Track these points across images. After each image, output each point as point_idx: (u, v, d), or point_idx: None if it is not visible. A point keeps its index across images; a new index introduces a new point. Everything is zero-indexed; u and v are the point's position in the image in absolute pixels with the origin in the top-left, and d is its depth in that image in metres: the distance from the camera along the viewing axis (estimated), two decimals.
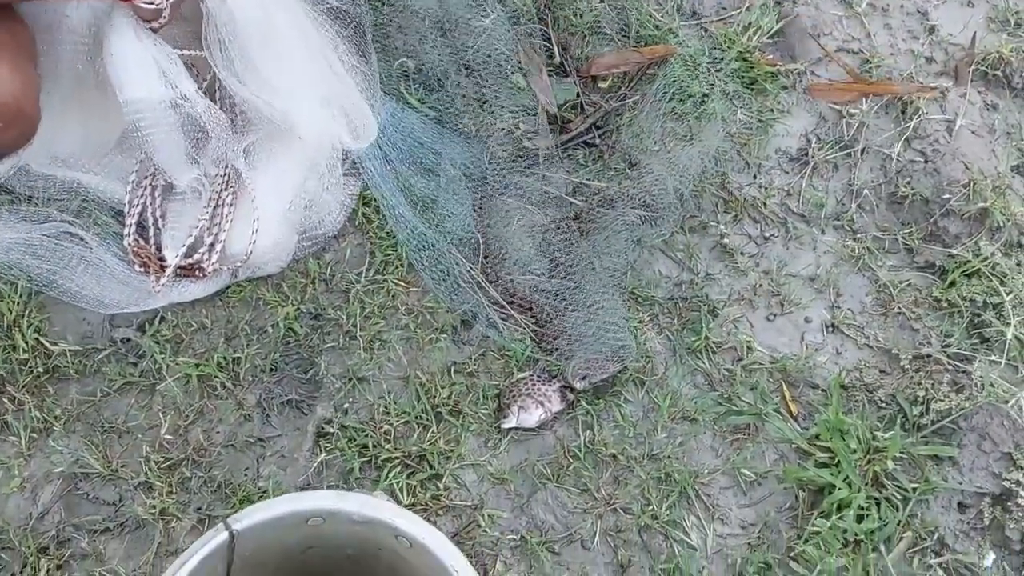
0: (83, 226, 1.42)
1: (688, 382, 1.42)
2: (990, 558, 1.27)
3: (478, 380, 1.40)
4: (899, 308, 1.48)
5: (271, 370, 1.39)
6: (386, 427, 1.35)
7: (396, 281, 1.46)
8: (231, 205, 1.41)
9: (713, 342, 1.44)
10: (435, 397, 1.37)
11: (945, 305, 1.48)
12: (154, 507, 1.27)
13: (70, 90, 1.26)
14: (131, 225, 1.43)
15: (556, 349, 1.42)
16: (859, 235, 1.55)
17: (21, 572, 1.23)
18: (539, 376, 1.39)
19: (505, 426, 1.36)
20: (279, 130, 1.40)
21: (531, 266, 1.49)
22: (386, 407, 1.36)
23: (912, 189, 1.56)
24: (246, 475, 1.31)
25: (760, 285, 1.50)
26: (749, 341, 1.45)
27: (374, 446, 1.33)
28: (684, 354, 1.43)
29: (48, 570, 1.23)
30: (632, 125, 1.58)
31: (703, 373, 1.43)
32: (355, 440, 1.33)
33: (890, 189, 1.58)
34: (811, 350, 1.45)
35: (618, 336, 1.41)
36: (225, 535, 0.95)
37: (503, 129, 1.56)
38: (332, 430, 1.34)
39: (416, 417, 1.36)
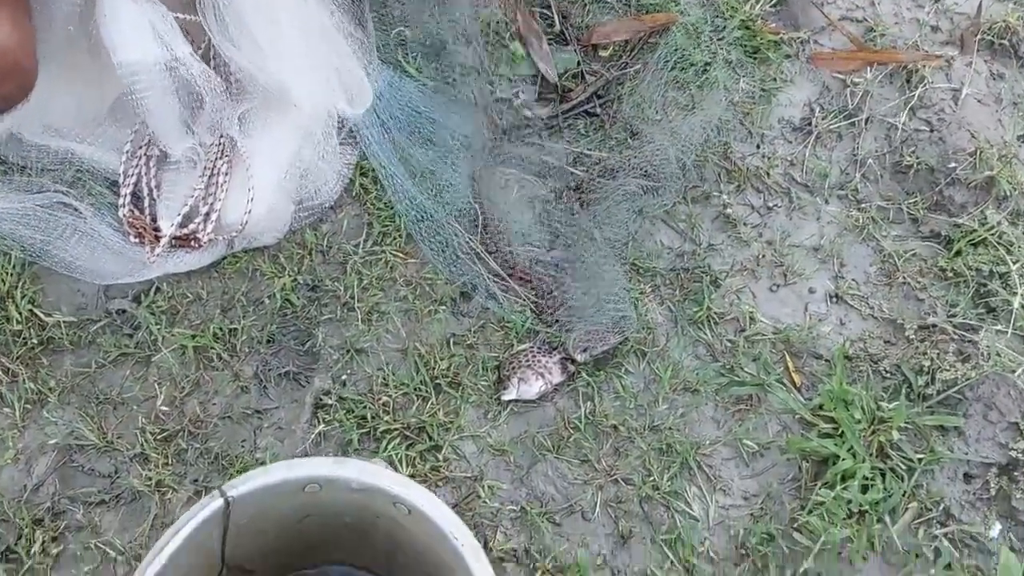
0: (77, 196, 1.40)
1: (690, 353, 1.40)
2: (996, 528, 1.26)
3: (477, 352, 1.38)
4: (904, 278, 1.46)
5: (268, 342, 1.37)
6: (385, 399, 1.33)
7: (394, 253, 1.44)
8: (226, 174, 1.39)
9: (715, 313, 1.42)
10: (434, 369, 1.36)
11: (951, 275, 1.46)
12: (150, 479, 1.26)
13: (62, 54, 1.24)
14: (126, 195, 1.41)
15: (556, 321, 1.40)
16: (863, 205, 1.53)
17: (16, 544, 1.21)
18: (539, 348, 1.37)
19: (505, 398, 1.34)
20: (274, 98, 1.38)
21: (531, 238, 1.47)
22: (385, 379, 1.35)
23: (917, 158, 1.54)
24: (243, 447, 1.30)
25: (763, 255, 1.48)
26: (752, 312, 1.43)
27: (373, 417, 1.31)
28: (686, 325, 1.42)
29: (43, 542, 1.21)
30: (633, 94, 1.56)
31: (705, 344, 1.41)
32: (353, 412, 1.32)
33: (895, 159, 1.56)
34: (814, 321, 1.43)
35: (619, 307, 1.40)
36: (220, 502, 0.93)
37: (502, 99, 1.53)
38: (330, 401, 1.33)
39: (415, 389, 1.34)
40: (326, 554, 1.13)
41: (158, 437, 1.29)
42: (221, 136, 1.39)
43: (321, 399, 1.33)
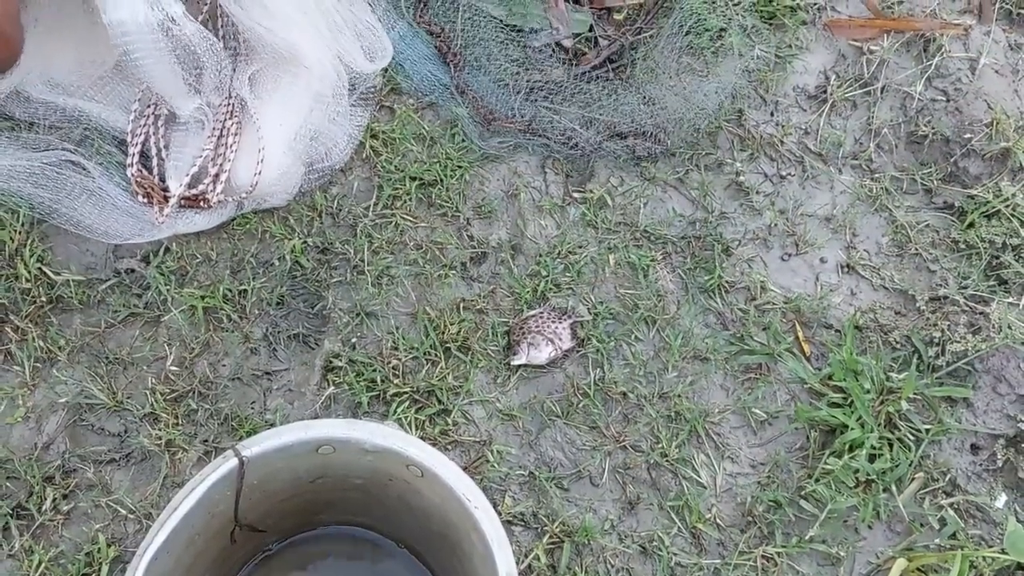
0: (85, 155, 1.39)
1: (700, 321, 1.40)
2: (1002, 499, 1.26)
3: (487, 317, 1.38)
4: (916, 249, 1.46)
5: (278, 304, 1.36)
6: (395, 362, 1.33)
7: (404, 216, 1.43)
8: (236, 135, 1.38)
9: (726, 281, 1.42)
10: (444, 333, 1.35)
11: (963, 246, 1.45)
12: (160, 438, 1.26)
13: (57, 12, 1.22)
14: (134, 155, 1.40)
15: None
16: (877, 175, 1.52)
17: (27, 501, 1.22)
18: (550, 313, 1.37)
19: (515, 363, 1.34)
20: (284, 58, 1.37)
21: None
22: (394, 342, 1.35)
23: (932, 128, 1.52)
24: (253, 408, 1.30)
25: (775, 224, 1.47)
26: (763, 281, 1.42)
27: (382, 381, 1.31)
28: (697, 293, 1.41)
29: (54, 499, 1.22)
30: (647, 59, 1.54)
31: (715, 312, 1.41)
32: (363, 375, 1.32)
33: (909, 128, 1.55)
34: (826, 291, 1.43)
35: None
36: (235, 461, 0.93)
37: (516, 59, 1.52)
38: (340, 364, 1.33)
39: (425, 353, 1.34)
40: (338, 515, 1.14)
41: (168, 397, 1.29)
42: (230, 96, 1.38)
43: (331, 361, 1.33)
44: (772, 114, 1.55)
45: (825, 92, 1.57)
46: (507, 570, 0.91)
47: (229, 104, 1.38)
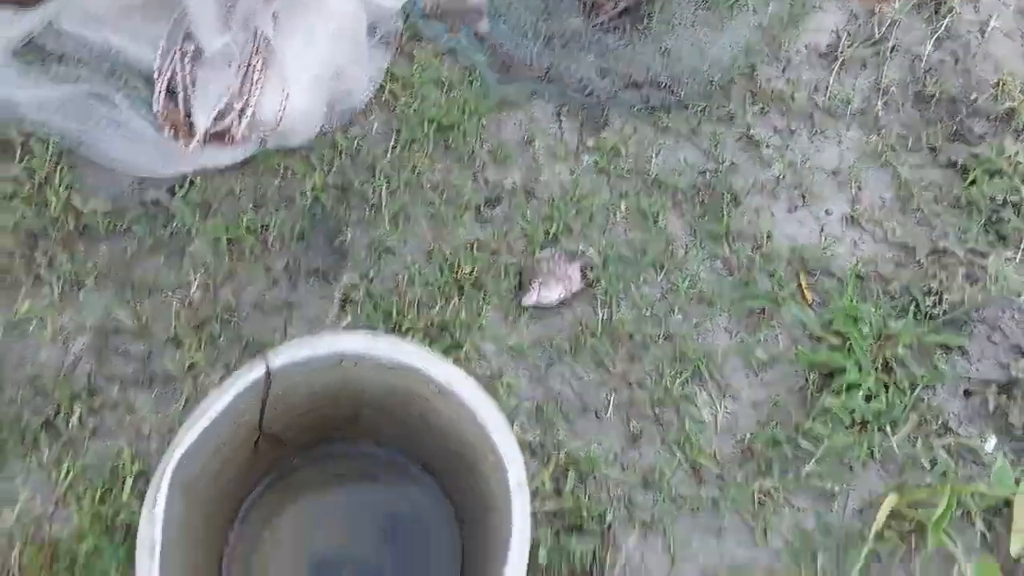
0: (114, 89, 1.43)
1: (707, 267, 1.44)
2: (992, 443, 1.31)
3: (500, 257, 1.42)
4: (918, 205, 1.50)
5: (299, 238, 1.41)
6: (410, 296, 1.38)
7: (422, 158, 1.47)
8: (261, 71, 1.42)
9: (734, 230, 1.46)
10: (458, 271, 1.40)
11: (964, 203, 1.49)
12: (183, 362, 1.31)
13: None
14: (160, 90, 1.43)
15: None
16: (883, 132, 1.56)
17: (55, 417, 1.27)
18: (561, 255, 1.41)
19: (526, 302, 1.38)
20: None
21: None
22: (410, 277, 1.39)
23: (940, 88, 1.56)
24: (274, 335, 1.34)
25: (783, 177, 1.51)
26: (769, 230, 1.46)
27: (398, 314, 1.36)
28: (705, 239, 1.45)
29: (80, 415, 1.27)
30: (664, 11, 1.57)
31: (722, 259, 1.45)
32: (379, 307, 1.36)
33: (917, 88, 1.58)
34: (829, 241, 1.47)
35: None
36: (262, 369, 0.97)
37: (535, 7, 1.55)
38: (357, 297, 1.37)
39: (439, 289, 1.39)
40: (357, 430, 1.18)
41: (191, 323, 1.34)
42: (256, 33, 1.41)
43: (349, 294, 1.38)
44: (784, 70, 1.59)
45: (836, 50, 1.60)
46: (518, 479, 0.96)
47: (255, 41, 1.42)
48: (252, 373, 0.97)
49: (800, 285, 1.43)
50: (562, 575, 1.21)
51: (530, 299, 1.38)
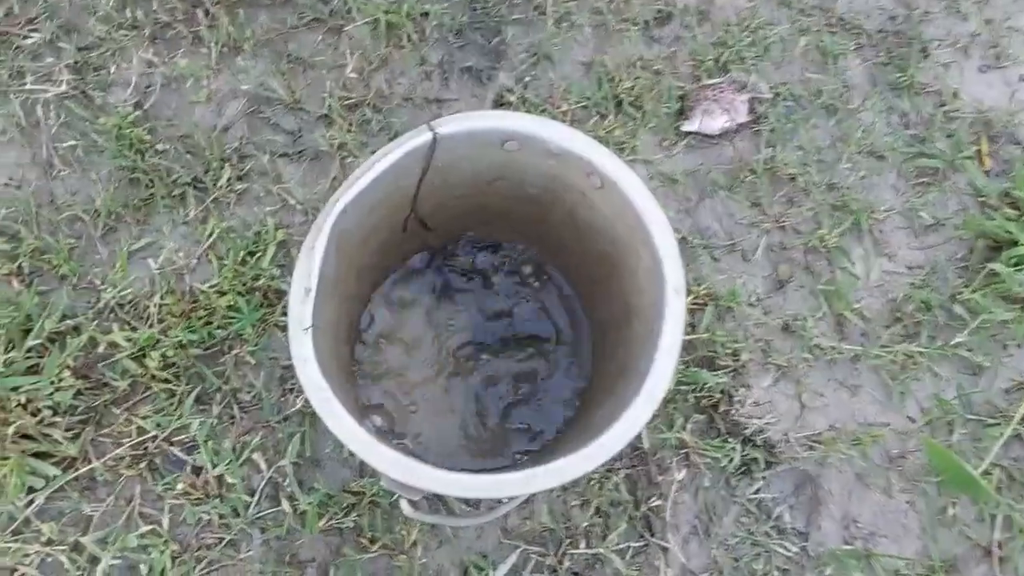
0: None
1: (883, 119, 1.35)
2: None
3: (664, 78, 1.35)
4: None
5: (457, 32, 1.36)
6: (564, 107, 1.32)
7: None
8: None
9: (918, 82, 1.35)
10: (618, 87, 1.33)
11: None
12: (333, 140, 1.29)
13: None
14: None
15: None
16: None
17: (205, 175, 1.27)
18: (729, 85, 1.33)
19: (686, 128, 1.32)
20: None
21: None
22: (567, 87, 1.33)
23: None
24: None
25: (979, 33, 1.39)
26: (956, 89, 1.35)
27: None
28: (885, 89, 1.35)
29: (229, 178, 1.27)
30: None
31: (900, 112, 1.35)
32: (532, 113, 1.31)
33: None
34: (1019, 108, 1.35)
35: None
36: (428, 135, 0.95)
37: None
38: (511, 100, 1.32)
39: (595, 103, 1.33)
40: (501, 230, 1.16)
41: (344, 103, 1.31)
42: None
43: (502, 96, 1.33)
44: None
45: None
46: (675, 283, 0.92)
47: None
48: (420, 137, 0.95)
49: (980, 150, 1.33)
50: (688, 403, 1.19)
51: (691, 125, 1.32)
